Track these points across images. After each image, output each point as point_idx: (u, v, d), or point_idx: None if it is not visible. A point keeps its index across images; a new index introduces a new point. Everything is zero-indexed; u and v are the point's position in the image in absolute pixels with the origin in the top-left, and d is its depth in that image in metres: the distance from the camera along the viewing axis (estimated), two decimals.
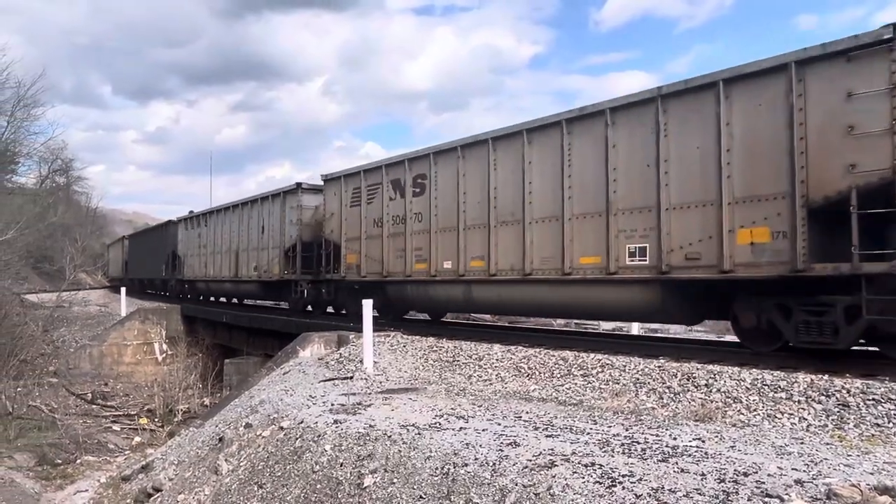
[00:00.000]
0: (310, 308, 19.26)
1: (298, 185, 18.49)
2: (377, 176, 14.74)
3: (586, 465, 4.74)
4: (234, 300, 26.28)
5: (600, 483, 4.39)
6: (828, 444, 5.44)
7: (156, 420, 16.14)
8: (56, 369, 19.78)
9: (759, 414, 6.45)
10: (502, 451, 5.30)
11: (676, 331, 17.51)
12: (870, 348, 8.34)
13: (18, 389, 15.50)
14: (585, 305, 10.70)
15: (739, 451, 5.14)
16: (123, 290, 28.37)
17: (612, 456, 4.99)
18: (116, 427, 15.75)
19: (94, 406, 17.36)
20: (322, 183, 16.98)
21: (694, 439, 5.55)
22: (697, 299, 9.35)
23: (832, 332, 7.61)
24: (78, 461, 12.73)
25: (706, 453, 5.00)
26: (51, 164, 46.22)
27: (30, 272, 37.25)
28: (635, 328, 16.66)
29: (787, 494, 3.93)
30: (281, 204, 19.26)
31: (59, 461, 12.47)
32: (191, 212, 28.83)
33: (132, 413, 16.91)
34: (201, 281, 26.38)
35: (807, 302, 7.82)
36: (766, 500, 3.90)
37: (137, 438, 14.66)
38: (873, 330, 7.51)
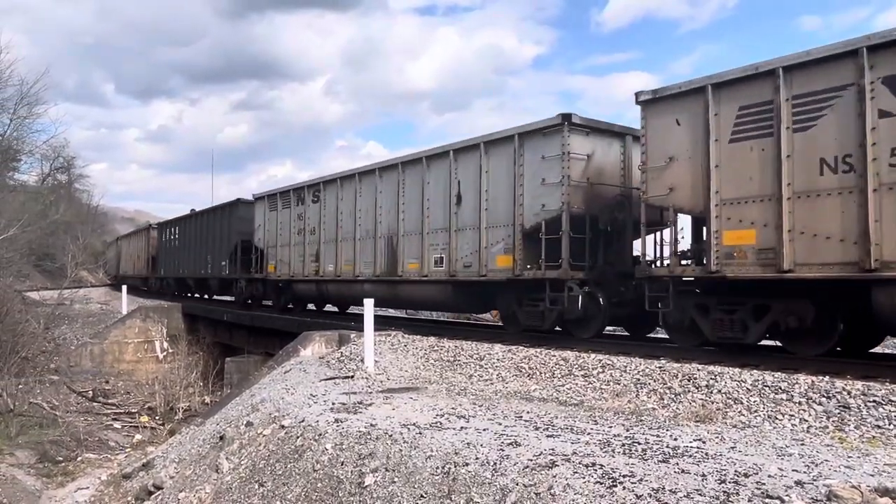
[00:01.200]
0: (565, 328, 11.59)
1: (565, 117, 10.92)
2: (840, 72, 7.61)
3: (587, 466, 4.75)
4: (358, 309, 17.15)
5: (601, 483, 4.40)
6: (828, 445, 5.44)
7: (157, 418, 16.17)
8: (57, 367, 19.79)
9: (759, 415, 6.46)
10: (503, 450, 5.30)
11: None
12: (873, 349, 8.31)
13: (20, 386, 15.52)
14: None
15: (740, 452, 5.14)
16: (125, 287, 28.28)
17: (613, 456, 5.00)
18: (117, 425, 15.79)
19: (94, 403, 17.38)
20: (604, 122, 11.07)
21: (695, 440, 5.55)
22: None
23: None
24: (79, 458, 12.74)
25: (707, 454, 5.01)
26: (53, 162, 46.41)
27: (31, 270, 37.35)
28: None
29: (787, 495, 3.94)
30: (513, 154, 11.71)
31: (61, 458, 12.49)
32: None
33: (133, 411, 16.95)
34: (305, 281, 18.47)
35: None
36: (767, 500, 3.91)
37: (138, 436, 14.67)
38: None
